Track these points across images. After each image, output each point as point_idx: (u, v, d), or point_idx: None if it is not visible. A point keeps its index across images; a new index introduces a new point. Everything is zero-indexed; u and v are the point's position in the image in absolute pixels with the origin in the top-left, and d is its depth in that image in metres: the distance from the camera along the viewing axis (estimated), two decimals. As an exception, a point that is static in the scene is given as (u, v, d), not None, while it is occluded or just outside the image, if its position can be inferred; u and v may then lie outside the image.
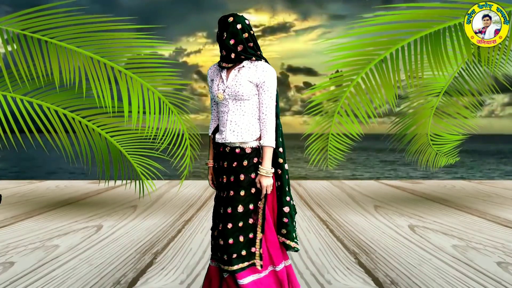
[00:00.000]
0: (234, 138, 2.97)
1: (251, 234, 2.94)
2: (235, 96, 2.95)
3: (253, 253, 2.94)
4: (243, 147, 2.98)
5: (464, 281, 4.06)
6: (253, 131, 2.98)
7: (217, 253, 3.02)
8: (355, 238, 5.62)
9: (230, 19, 2.92)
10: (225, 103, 2.99)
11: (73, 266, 4.47)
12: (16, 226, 6.25)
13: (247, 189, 2.95)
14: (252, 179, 2.96)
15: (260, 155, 2.99)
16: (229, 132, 2.97)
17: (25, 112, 6.81)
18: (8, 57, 6.57)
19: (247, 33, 2.94)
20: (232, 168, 2.98)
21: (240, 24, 2.93)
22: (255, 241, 2.95)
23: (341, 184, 11.21)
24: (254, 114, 2.98)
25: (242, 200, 2.94)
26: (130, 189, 7.91)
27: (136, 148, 7.18)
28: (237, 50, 2.94)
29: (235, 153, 2.98)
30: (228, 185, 2.99)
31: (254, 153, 2.99)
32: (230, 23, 2.92)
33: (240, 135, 2.97)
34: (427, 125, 8.79)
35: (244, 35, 2.93)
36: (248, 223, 2.93)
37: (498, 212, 7.33)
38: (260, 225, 2.96)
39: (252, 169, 2.97)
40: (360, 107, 7.62)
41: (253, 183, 2.96)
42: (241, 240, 2.92)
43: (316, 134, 7.92)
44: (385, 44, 7.31)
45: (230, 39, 2.92)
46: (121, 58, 6.76)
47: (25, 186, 10.43)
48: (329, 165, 8.12)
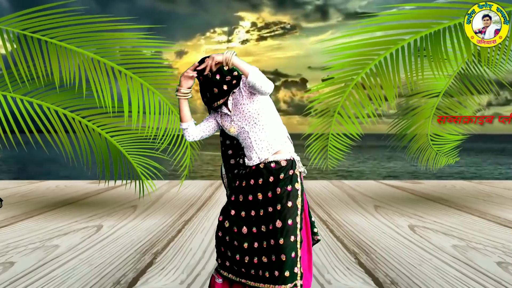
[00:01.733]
0: (267, 153, 2.94)
1: (293, 253, 2.84)
2: (245, 118, 2.94)
3: (296, 273, 2.84)
4: (278, 160, 2.95)
5: (464, 281, 4.06)
6: (279, 139, 2.96)
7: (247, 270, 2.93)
8: (355, 238, 5.62)
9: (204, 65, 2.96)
10: (241, 130, 2.98)
11: (73, 266, 4.47)
12: (16, 226, 6.25)
13: (284, 204, 2.88)
14: (288, 191, 2.90)
15: (294, 167, 2.96)
16: (259, 151, 2.94)
17: (25, 112, 6.81)
18: (8, 57, 6.57)
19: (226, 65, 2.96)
20: (268, 183, 2.93)
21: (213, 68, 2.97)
22: (297, 260, 2.85)
23: (341, 184, 11.21)
24: (273, 124, 2.96)
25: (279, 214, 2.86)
26: (130, 189, 7.91)
27: (136, 148, 7.18)
28: (226, 80, 2.95)
29: (271, 167, 2.94)
30: (266, 201, 2.92)
31: (290, 165, 2.95)
32: None
33: (271, 147, 2.94)
34: (427, 125, 8.79)
35: (225, 67, 2.95)
36: (290, 241, 2.83)
37: (498, 212, 7.32)
38: (300, 242, 2.88)
39: (288, 181, 2.93)
40: (360, 107, 7.62)
41: (289, 196, 2.90)
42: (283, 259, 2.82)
43: (316, 134, 7.92)
44: (385, 44, 7.31)
45: (215, 75, 2.94)
46: (121, 58, 6.76)
47: (25, 186, 10.43)
48: (329, 165, 8.12)
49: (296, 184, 2.95)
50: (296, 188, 2.94)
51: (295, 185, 2.94)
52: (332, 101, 7.67)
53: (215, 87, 2.94)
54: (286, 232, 2.84)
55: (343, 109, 7.66)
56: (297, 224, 2.88)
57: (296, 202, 2.91)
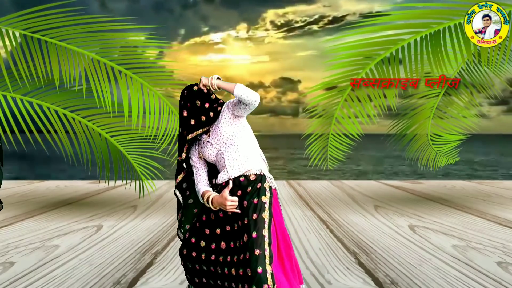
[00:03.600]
0: (237, 172, 2.94)
1: (259, 268, 2.72)
2: (222, 140, 2.98)
3: None
4: (247, 175, 2.94)
5: (464, 281, 4.06)
6: (252, 160, 2.97)
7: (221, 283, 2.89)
8: (355, 238, 5.62)
9: (195, 88, 3.02)
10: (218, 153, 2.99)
11: (73, 266, 4.47)
12: (16, 226, 6.25)
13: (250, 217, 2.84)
14: (254, 204, 2.86)
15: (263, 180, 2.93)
16: (230, 169, 2.94)
17: (25, 112, 6.81)
18: (8, 57, 6.57)
19: (214, 94, 3.05)
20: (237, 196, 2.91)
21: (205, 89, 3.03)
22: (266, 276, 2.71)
23: (341, 184, 11.21)
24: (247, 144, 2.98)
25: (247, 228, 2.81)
26: (130, 189, 7.91)
27: (136, 148, 7.19)
28: (213, 108, 3.02)
29: (239, 181, 2.93)
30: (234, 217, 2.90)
31: (259, 179, 2.93)
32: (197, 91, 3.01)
33: (242, 167, 2.94)
34: (427, 125, 8.79)
35: (212, 96, 3.03)
36: (255, 255, 2.73)
37: (498, 212, 7.32)
38: (269, 257, 2.76)
39: (255, 194, 2.89)
40: (360, 107, 7.62)
41: (254, 209, 2.84)
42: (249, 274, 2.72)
43: (316, 134, 7.92)
44: (385, 44, 7.31)
45: (204, 103, 3.00)
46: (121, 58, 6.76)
47: (25, 186, 10.43)
48: (329, 165, 8.12)
49: (263, 197, 2.88)
50: (262, 201, 2.87)
51: (262, 198, 2.87)
52: (332, 101, 7.67)
53: (203, 115, 2.99)
54: (251, 245, 2.77)
55: (343, 109, 7.67)
56: (264, 237, 2.78)
57: (262, 215, 2.83)
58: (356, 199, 8.69)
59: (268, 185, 2.94)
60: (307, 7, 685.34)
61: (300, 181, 11.78)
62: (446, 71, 7.42)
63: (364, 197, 8.93)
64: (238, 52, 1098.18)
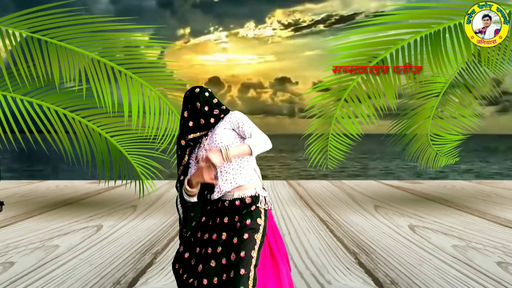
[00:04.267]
0: (229, 186, 2.87)
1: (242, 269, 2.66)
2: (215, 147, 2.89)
3: None
4: (243, 197, 2.87)
5: (464, 281, 4.06)
6: (244, 173, 2.89)
7: None
8: (355, 238, 5.62)
9: (197, 90, 2.96)
10: None
11: (73, 266, 4.47)
12: (16, 226, 6.25)
13: (241, 236, 2.77)
14: (246, 225, 2.79)
15: (259, 202, 2.86)
16: (222, 183, 2.87)
17: (25, 112, 6.81)
18: (8, 57, 6.57)
19: (216, 98, 3.01)
20: (234, 222, 2.84)
21: (207, 92, 2.99)
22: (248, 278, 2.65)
23: (341, 184, 11.21)
24: (240, 160, 2.89)
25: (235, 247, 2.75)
26: (130, 189, 7.91)
27: (136, 148, 7.19)
28: (214, 113, 2.96)
29: (236, 206, 2.86)
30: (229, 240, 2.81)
31: (254, 201, 2.86)
32: (198, 94, 2.96)
33: (235, 181, 2.87)
34: (427, 125, 8.79)
35: (214, 100, 2.99)
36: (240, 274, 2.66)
37: (498, 212, 7.32)
38: (253, 280, 2.68)
39: (248, 216, 2.82)
40: (360, 107, 7.62)
41: (245, 229, 2.78)
42: None
43: (316, 134, 7.92)
44: (385, 44, 7.31)
45: (204, 106, 2.96)
46: (121, 58, 6.77)
47: (25, 186, 10.43)
48: (329, 165, 8.12)
49: (259, 219, 2.81)
50: (257, 223, 2.80)
51: (257, 220, 2.81)
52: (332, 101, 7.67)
53: (203, 118, 2.95)
54: (237, 264, 2.69)
55: (343, 109, 7.67)
56: (251, 258, 2.71)
57: (254, 236, 2.76)
58: (356, 199, 8.69)
59: (263, 208, 2.86)
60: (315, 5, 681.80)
61: (300, 181, 11.77)
62: (446, 71, 7.42)
63: (364, 197, 8.93)
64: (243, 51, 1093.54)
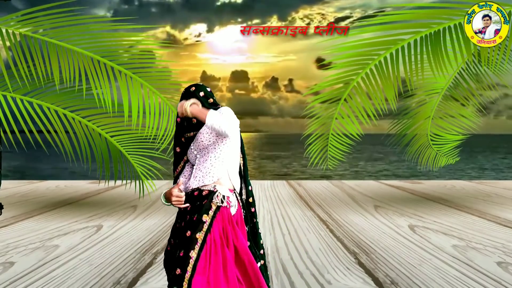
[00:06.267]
0: (196, 183, 2.88)
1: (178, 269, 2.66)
2: (198, 147, 2.93)
3: None
4: (202, 189, 2.88)
5: (464, 281, 4.06)
6: (213, 173, 2.90)
7: None
8: (355, 238, 5.62)
9: (192, 89, 2.93)
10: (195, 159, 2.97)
11: (73, 266, 4.47)
12: (16, 226, 6.25)
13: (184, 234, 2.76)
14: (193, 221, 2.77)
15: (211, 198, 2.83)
16: (193, 179, 2.90)
17: (25, 112, 6.81)
18: (8, 57, 6.57)
19: (212, 98, 2.96)
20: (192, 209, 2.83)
21: (203, 92, 2.95)
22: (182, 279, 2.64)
23: (341, 184, 11.21)
24: (219, 160, 2.91)
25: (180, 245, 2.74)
26: (130, 189, 7.91)
27: (136, 148, 7.19)
28: None
29: (194, 196, 2.87)
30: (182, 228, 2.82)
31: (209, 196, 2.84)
32: (192, 92, 2.92)
33: (201, 180, 2.89)
34: (427, 125, 8.79)
35: (209, 100, 2.95)
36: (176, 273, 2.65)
37: (498, 212, 7.32)
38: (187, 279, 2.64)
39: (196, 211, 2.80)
40: (360, 107, 7.62)
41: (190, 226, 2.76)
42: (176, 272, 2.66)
43: (316, 134, 7.92)
44: (385, 44, 7.31)
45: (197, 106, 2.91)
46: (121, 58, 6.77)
47: (25, 186, 10.43)
48: (329, 165, 8.12)
49: (205, 215, 2.77)
50: (202, 220, 2.75)
51: (203, 216, 2.76)
52: (332, 101, 7.67)
53: (194, 118, 2.91)
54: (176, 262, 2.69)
55: (343, 109, 7.67)
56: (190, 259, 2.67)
57: (195, 235, 2.72)
58: (356, 199, 8.69)
59: (217, 204, 2.80)
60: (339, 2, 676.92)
61: (300, 181, 11.77)
62: (446, 71, 7.42)
63: (364, 197, 8.93)
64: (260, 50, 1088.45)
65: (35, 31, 6.53)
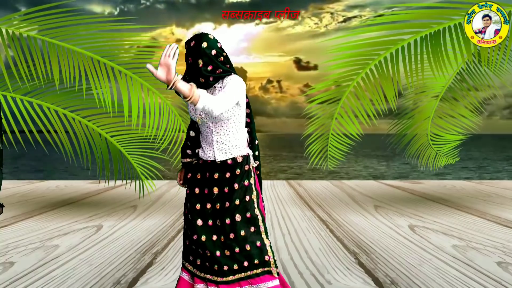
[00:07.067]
0: (223, 156, 2.94)
1: (258, 242, 2.91)
2: (213, 119, 2.89)
3: (267, 262, 2.90)
4: (235, 157, 2.95)
5: (464, 281, 4.06)
6: (240, 145, 2.96)
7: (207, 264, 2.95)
8: (355, 238, 5.62)
9: (204, 45, 2.81)
10: (206, 125, 2.94)
11: (73, 266, 4.47)
12: (16, 226, 6.25)
13: (242, 198, 2.93)
14: (246, 186, 2.95)
15: (249, 162, 2.99)
16: (217, 152, 2.93)
17: (25, 112, 6.81)
18: (8, 57, 6.58)
19: (222, 56, 2.87)
20: (225, 179, 2.94)
21: (214, 49, 2.83)
22: (265, 249, 2.91)
23: (341, 184, 11.21)
24: (238, 130, 2.95)
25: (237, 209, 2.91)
26: (130, 189, 7.91)
27: (136, 148, 7.19)
28: (216, 73, 2.86)
29: (227, 164, 2.94)
30: (222, 196, 2.94)
31: (245, 161, 2.97)
32: (203, 49, 2.81)
33: (230, 152, 2.94)
34: (427, 125, 8.79)
35: (219, 59, 2.85)
36: (250, 232, 2.91)
37: (498, 212, 7.33)
38: (265, 232, 2.94)
39: (245, 177, 2.96)
40: (360, 107, 7.62)
41: (246, 191, 2.95)
42: (248, 249, 2.88)
43: (316, 134, 7.92)
44: (385, 44, 7.31)
45: (207, 65, 2.83)
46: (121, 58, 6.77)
47: (25, 186, 10.43)
48: (329, 165, 8.12)
49: (251, 179, 2.99)
50: (251, 183, 2.98)
51: (250, 179, 2.98)
52: (332, 101, 7.67)
53: (202, 78, 2.83)
54: (246, 224, 2.91)
55: (343, 109, 7.66)
56: (257, 216, 2.94)
57: (252, 196, 2.96)
58: (356, 199, 8.69)
59: (252, 165, 3.02)
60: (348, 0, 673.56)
61: (300, 181, 11.77)
62: (446, 71, 7.42)
63: (364, 197, 8.93)
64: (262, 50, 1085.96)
65: (35, 31, 6.53)
